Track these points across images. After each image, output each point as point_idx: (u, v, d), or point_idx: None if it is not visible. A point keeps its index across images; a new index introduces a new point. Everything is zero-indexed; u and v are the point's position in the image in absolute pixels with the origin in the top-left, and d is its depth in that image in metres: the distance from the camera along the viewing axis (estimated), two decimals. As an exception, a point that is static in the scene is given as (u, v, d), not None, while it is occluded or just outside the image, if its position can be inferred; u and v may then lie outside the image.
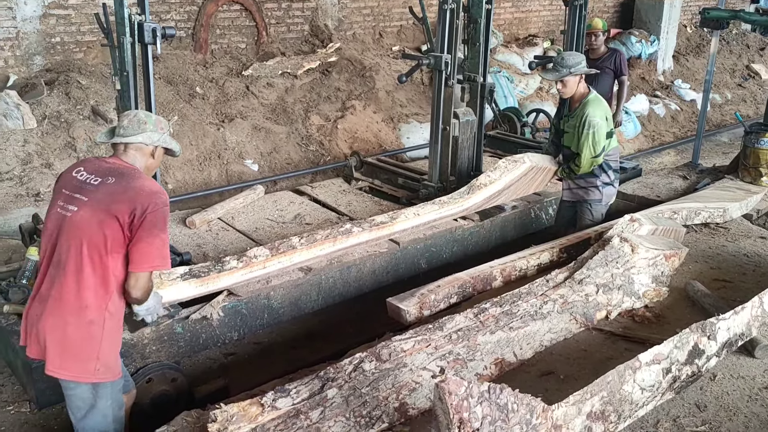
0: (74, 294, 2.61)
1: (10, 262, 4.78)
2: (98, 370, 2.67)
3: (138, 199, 2.64)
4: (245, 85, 7.79)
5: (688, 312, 3.86)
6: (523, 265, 4.24)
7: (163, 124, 2.92)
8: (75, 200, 2.67)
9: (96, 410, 2.75)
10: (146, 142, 2.82)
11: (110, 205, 2.62)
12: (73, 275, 2.60)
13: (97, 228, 2.60)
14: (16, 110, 6.00)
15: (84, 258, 2.59)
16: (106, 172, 2.73)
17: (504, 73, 9.56)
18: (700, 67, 12.07)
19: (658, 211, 4.89)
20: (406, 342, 3.13)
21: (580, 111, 4.62)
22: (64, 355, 2.63)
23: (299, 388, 2.80)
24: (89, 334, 2.63)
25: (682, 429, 2.87)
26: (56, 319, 2.61)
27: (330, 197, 5.42)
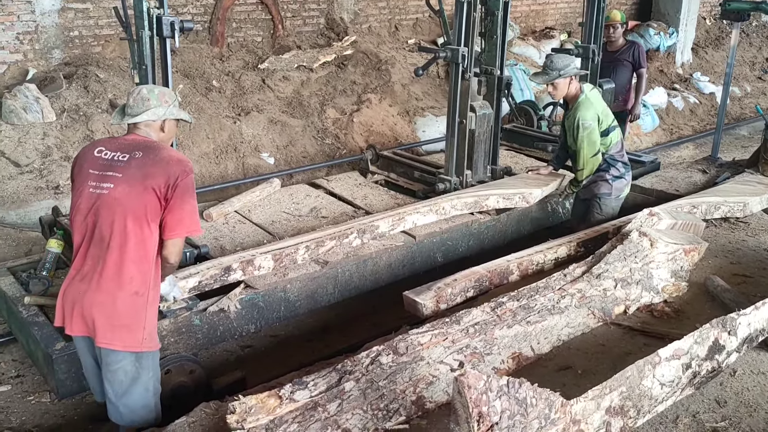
0: (120, 268, 2.71)
1: (30, 254, 4.84)
2: (145, 339, 2.79)
3: (169, 169, 2.76)
4: (261, 79, 7.80)
5: (707, 307, 3.82)
6: (540, 259, 4.22)
7: (167, 96, 2.96)
8: (108, 178, 2.76)
9: (139, 383, 2.84)
10: (152, 118, 2.90)
11: (145, 177, 2.73)
12: (118, 249, 2.70)
13: (137, 201, 2.71)
14: (35, 104, 6.05)
15: (128, 232, 2.70)
16: (131, 147, 2.83)
17: (520, 66, 9.49)
18: (719, 60, 11.93)
19: (678, 206, 4.84)
20: (423, 335, 3.12)
21: (572, 113, 4.68)
22: (114, 327, 2.72)
23: (317, 380, 2.80)
24: (136, 305, 2.75)
25: (702, 425, 2.85)
26: (104, 293, 2.71)
27: (346, 190, 5.42)
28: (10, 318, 3.87)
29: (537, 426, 2.31)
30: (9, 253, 4.99)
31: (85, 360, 2.96)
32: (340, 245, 4.23)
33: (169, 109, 2.94)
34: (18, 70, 6.71)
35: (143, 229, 2.73)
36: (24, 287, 3.84)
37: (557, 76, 4.58)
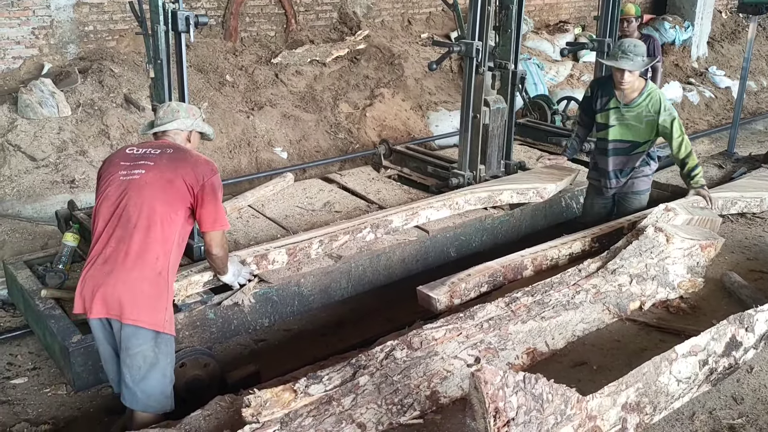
0: (146, 247, 2.83)
1: (46, 247, 4.89)
2: (166, 321, 2.89)
3: (198, 168, 2.98)
4: (274, 73, 7.82)
5: (724, 303, 3.79)
6: (555, 254, 4.20)
7: (194, 111, 3.25)
8: (140, 165, 2.95)
9: (157, 368, 2.90)
10: (181, 127, 3.16)
11: (176, 168, 2.94)
12: (144, 230, 2.83)
13: (167, 185, 2.90)
14: (51, 98, 6.10)
15: (156, 213, 2.86)
16: (163, 146, 3.07)
17: (534, 60, 9.44)
18: (735, 54, 11.81)
19: (693, 201, 4.80)
20: (438, 330, 3.12)
21: (646, 101, 4.40)
22: (140, 305, 2.81)
23: (331, 374, 2.81)
24: (159, 285, 2.87)
25: (719, 421, 2.83)
26: (131, 272, 2.80)
27: (359, 185, 5.41)
28: (27, 311, 3.90)
29: (553, 421, 2.30)
30: (25, 246, 5.03)
31: (104, 349, 2.97)
32: (354, 240, 4.23)
33: (196, 121, 3.21)
34: (33, 64, 6.76)
35: (170, 212, 2.89)
36: (40, 280, 3.87)
37: (643, 64, 4.31)
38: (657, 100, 4.41)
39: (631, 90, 4.43)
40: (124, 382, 2.91)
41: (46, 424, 3.70)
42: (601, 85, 4.67)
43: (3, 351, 4.31)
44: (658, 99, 4.42)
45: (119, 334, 2.86)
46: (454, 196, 4.76)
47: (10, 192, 5.45)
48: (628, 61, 4.29)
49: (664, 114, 4.38)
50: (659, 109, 4.39)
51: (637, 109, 4.46)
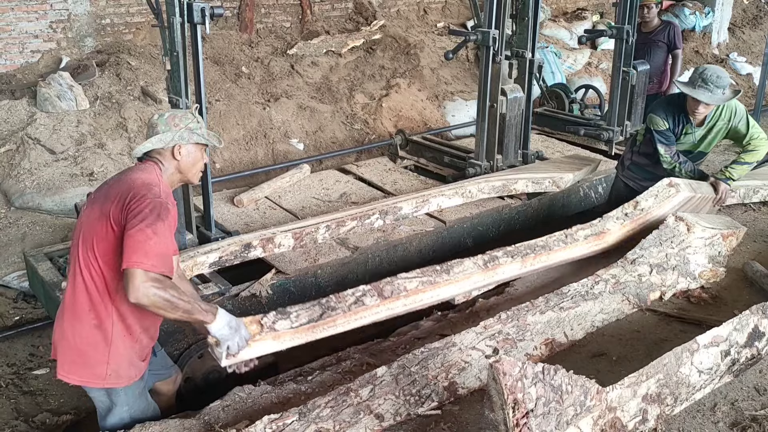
0: (75, 297, 2.51)
1: (66, 239, 4.93)
2: (109, 375, 2.54)
3: (124, 191, 2.47)
4: (290, 65, 7.81)
5: (746, 293, 3.74)
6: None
7: (178, 119, 2.65)
8: (90, 202, 2.60)
9: (114, 414, 2.67)
10: (158, 145, 2.62)
11: (103, 204, 2.49)
12: (73, 278, 2.53)
13: (91, 228, 2.49)
14: (69, 91, 6.14)
15: (80, 261, 2.49)
16: (118, 174, 2.66)
17: (551, 48, 9.34)
18: (756, 40, 11.60)
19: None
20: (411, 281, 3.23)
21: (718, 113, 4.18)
22: (71, 359, 2.54)
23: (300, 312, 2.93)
24: (96, 339, 2.50)
25: (741, 413, 2.80)
26: (64, 322, 2.54)
27: (375, 176, 5.40)
28: (48, 302, 3.94)
29: (572, 413, 2.29)
30: (46, 238, 5.09)
31: None
32: (362, 225, 4.21)
33: (179, 132, 2.62)
34: (52, 58, 6.81)
35: (90, 258, 2.47)
36: (61, 272, 3.90)
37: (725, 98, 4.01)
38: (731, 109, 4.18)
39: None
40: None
41: (68, 414, 3.75)
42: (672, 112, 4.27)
43: (25, 342, 4.37)
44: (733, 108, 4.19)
45: None
46: (467, 185, 4.73)
47: (30, 185, 5.50)
48: (706, 93, 3.97)
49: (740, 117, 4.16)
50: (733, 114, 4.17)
51: (710, 123, 4.23)
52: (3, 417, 3.68)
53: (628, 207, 4.17)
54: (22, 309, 4.72)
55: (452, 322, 3.56)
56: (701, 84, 3.98)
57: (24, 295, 4.81)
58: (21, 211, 5.42)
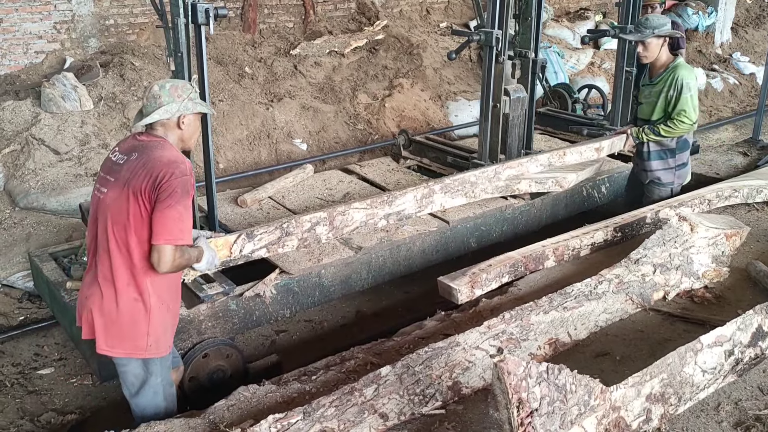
0: (115, 274, 2.64)
1: (71, 239, 4.95)
2: (150, 346, 2.71)
3: (153, 170, 2.60)
4: (293, 65, 7.82)
5: (749, 293, 3.74)
6: (576, 244, 4.16)
7: (180, 89, 2.76)
8: (106, 182, 2.70)
9: (148, 386, 2.80)
10: (164, 117, 2.72)
11: (130, 181, 2.61)
12: (111, 256, 2.63)
13: (120, 207, 2.61)
14: (73, 92, 6.16)
15: (115, 239, 2.61)
16: (132, 149, 2.72)
17: (554, 48, 9.35)
18: (759, 39, 11.60)
19: (718, 189, 4.74)
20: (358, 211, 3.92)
21: (668, 75, 4.42)
22: (113, 333, 2.67)
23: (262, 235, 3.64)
24: (135, 312, 2.66)
25: (745, 412, 2.80)
26: (103, 299, 2.66)
27: (378, 176, 5.41)
28: (53, 302, 3.95)
29: (576, 412, 2.29)
30: (50, 239, 5.11)
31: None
32: (366, 226, 4.24)
33: (184, 103, 2.74)
34: (56, 59, 6.83)
35: (127, 236, 2.61)
36: (65, 272, 3.92)
37: (650, 35, 4.35)
38: (677, 73, 4.38)
39: (657, 66, 4.49)
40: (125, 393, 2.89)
41: (73, 413, 3.77)
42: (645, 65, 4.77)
43: (30, 342, 4.39)
44: (678, 72, 4.39)
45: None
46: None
47: (34, 185, 5.52)
48: (634, 34, 4.48)
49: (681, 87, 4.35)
50: (677, 81, 4.37)
51: (660, 85, 4.48)
52: (8, 416, 3.70)
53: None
54: (26, 309, 4.74)
55: (456, 322, 3.56)
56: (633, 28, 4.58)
57: (29, 295, 4.83)
58: (26, 211, 5.43)
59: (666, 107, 4.44)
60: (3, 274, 4.83)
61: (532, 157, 4.82)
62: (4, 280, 4.84)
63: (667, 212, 4.31)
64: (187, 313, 3.50)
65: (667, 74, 4.43)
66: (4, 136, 5.88)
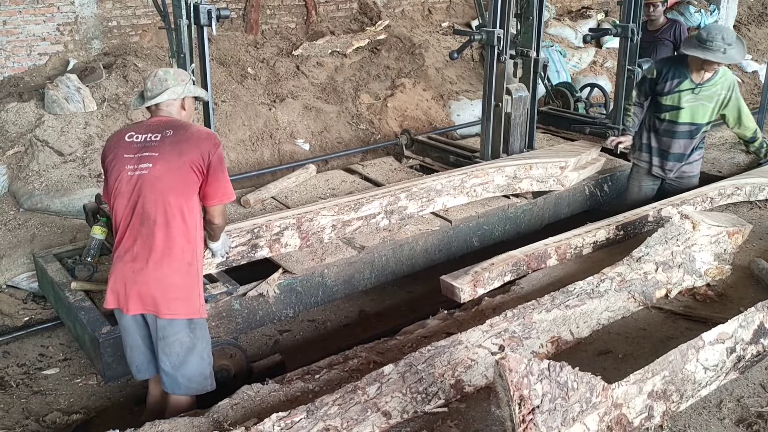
0: (171, 242, 2.85)
1: (75, 240, 4.97)
2: (201, 305, 3.00)
3: (201, 144, 2.88)
4: (295, 65, 7.83)
5: (752, 290, 3.73)
6: (579, 242, 4.17)
7: (182, 75, 3.09)
8: (146, 159, 2.86)
9: (194, 352, 2.99)
10: (173, 97, 3.01)
11: (181, 154, 2.85)
12: (166, 226, 2.84)
13: (177, 176, 2.84)
14: (77, 94, 6.18)
15: (173, 207, 2.84)
16: (160, 128, 2.94)
17: (556, 47, 9.34)
18: (762, 37, 11.57)
19: (721, 187, 4.74)
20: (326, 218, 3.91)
21: (720, 78, 4.47)
22: (174, 299, 2.88)
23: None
24: (190, 275, 2.93)
25: (747, 409, 2.80)
26: (161, 269, 2.85)
27: (381, 175, 5.42)
28: (57, 303, 3.98)
29: (578, 409, 2.30)
30: (55, 240, 5.13)
31: (132, 339, 3.04)
32: (366, 224, 4.26)
33: (187, 87, 3.06)
34: (59, 60, 6.85)
35: (186, 203, 2.87)
36: (70, 273, 3.94)
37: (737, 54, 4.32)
38: (729, 77, 4.47)
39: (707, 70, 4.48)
40: (163, 369, 3.00)
41: (78, 413, 3.79)
42: (671, 67, 4.64)
43: (35, 342, 4.41)
44: (729, 77, 4.48)
45: (155, 326, 2.94)
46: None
47: (38, 187, 5.54)
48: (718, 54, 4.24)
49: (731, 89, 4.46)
50: (728, 85, 4.46)
51: (712, 88, 4.49)
52: (14, 416, 3.72)
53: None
54: (31, 310, 4.76)
55: (458, 320, 3.57)
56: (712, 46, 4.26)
57: (33, 295, 4.85)
58: (30, 212, 5.46)
59: (718, 109, 4.55)
60: (8, 275, 4.86)
61: (500, 168, 4.82)
62: (9, 281, 4.86)
63: (669, 210, 4.34)
64: (191, 313, 3.52)
65: (719, 78, 4.48)
66: (8, 138, 5.91)
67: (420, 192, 4.50)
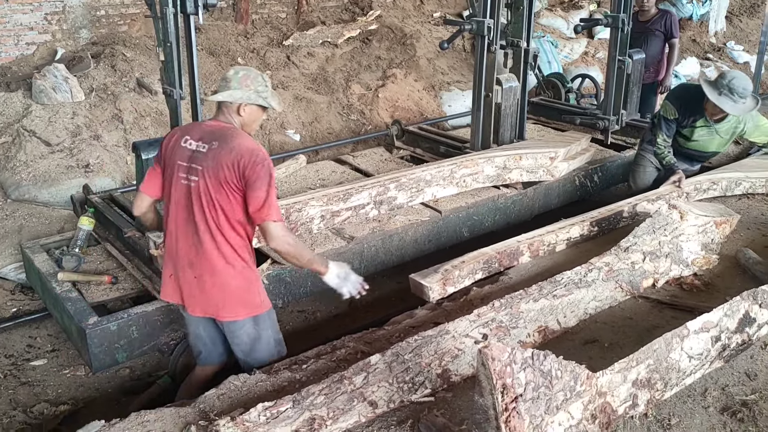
0: (223, 252, 2.88)
1: (62, 231, 4.94)
2: (263, 302, 3.05)
3: (238, 160, 2.80)
4: (286, 55, 7.80)
5: (738, 280, 3.75)
6: (552, 239, 4.07)
7: (250, 80, 2.93)
8: (194, 171, 2.86)
9: (261, 341, 3.09)
10: (227, 99, 2.91)
11: (218, 171, 2.81)
12: (217, 236, 2.86)
13: (216, 193, 2.83)
14: (64, 83, 6.13)
15: (221, 219, 2.85)
16: (210, 137, 2.89)
17: (548, 38, 9.33)
18: (754, 28, 11.58)
19: (697, 182, 4.71)
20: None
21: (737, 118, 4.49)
22: (233, 302, 2.95)
23: None
24: (248, 277, 2.97)
25: (731, 397, 2.82)
26: (217, 277, 2.90)
27: (372, 166, 5.41)
28: (45, 294, 3.96)
29: (562, 398, 2.31)
30: (42, 230, 5.10)
31: (194, 328, 3.17)
32: (355, 215, 4.25)
33: (248, 93, 2.91)
34: (47, 50, 6.80)
35: (222, 219, 2.86)
36: (57, 264, 3.93)
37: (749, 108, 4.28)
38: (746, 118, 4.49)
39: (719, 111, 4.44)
40: (237, 355, 3.14)
41: (66, 404, 3.77)
42: (687, 106, 4.59)
43: (23, 333, 4.40)
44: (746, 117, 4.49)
45: (221, 324, 3.06)
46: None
47: (26, 177, 5.51)
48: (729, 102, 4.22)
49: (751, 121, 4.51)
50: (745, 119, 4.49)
51: (727, 124, 4.53)
52: (1, 407, 3.71)
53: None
54: (19, 300, 4.74)
55: (447, 310, 3.57)
56: (728, 94, 4.21)
57: (21, 286, 4.83)
58: (17, 203, 5.42)
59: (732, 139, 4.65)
60: (-5, 266, 4.84)
61: (489, 159, 4.81)
62: (-3, 272, 4.84)
63: (645, 205, 4.34)
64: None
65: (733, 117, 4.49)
66: (-5, 128, 5.87)
67: (409, 182, 4.50)
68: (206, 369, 3.28)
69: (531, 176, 4.96)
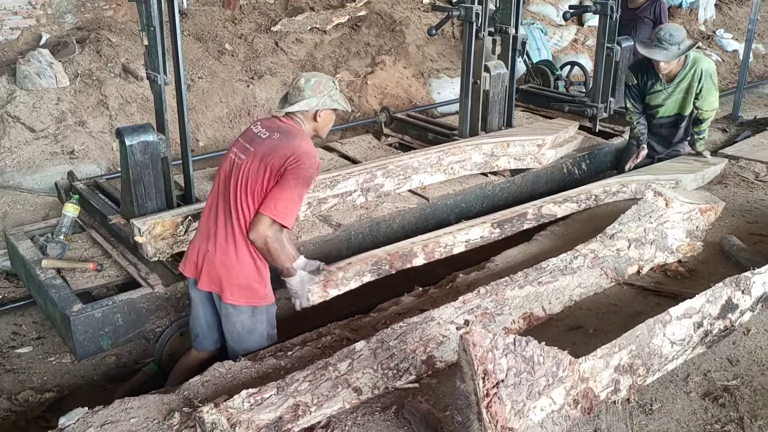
0: (236, 233, 2.93)
1: (47, 218, 4.92)
2: (266, 294, 3.08)
3: (288, 153, 2.89)
4: (274, 41, 7.74)
5: (722, 266, 3.78)
6: (449, 241, 3.84)
7: (322, 86, 3.05)
8: (246, 150, 2.98)
9: (254, 333, 3.12)
10: (304, 109, 3.03)
11: (267, 156, 2.90)
12: (237, 219, 2.92)
13: (254, 177, 2.89)
14: (49, 69, 6.07)
15: (246, 204, 2.90)
16: (275, 129, 3.01)
17: (537, 25, 9.31)
18: (743, 16, 11.58)
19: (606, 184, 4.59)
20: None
21: (689, 72, 4.64)
22: (238, 286, 2.99)
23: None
24: (255, 265, 2.99)
25: (713, 383, 2.84)
26: (229, 256, 2.95)
27: (360, 153, 5.39)
28: (29, 281, 3.93)
29: (544, 383, 2.32)
30: (26, 217, 5.06)
31: (197, 311, 3.20)
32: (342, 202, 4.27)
33: (323, 99, 3.03)
34: (31, 35, 6.72)
35: (248, 201, 2.91)
36: (41, 251, 3.89)
37: (678, 53, 4.46)
38: (698, 66, 4.63)
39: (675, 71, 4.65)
40: (227, 340, 3.17)
41: (51, 392, 3.77)
42: (642, 70, 4.84)
43: (7, 321, 4.37)
44: (699, 65, 4.63)
45: (219, 304, 3.08)
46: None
47: (10, 163, 5.46)
48: (661, 51, 4.46)
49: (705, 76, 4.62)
50: (701, 72, 4.61)
51: (683, 83, 4.68)
52: (-14, 395, 3.70)
53: None
54: (4, 288, 4.72)
55: (433, 297, 3.58)
56: (657, 44, 4.47)
57: (5, 273, 4.80)
58: (1, 189, 5.38)
59: (693, 98, 4.71)
60: (-20, 253, 4.80)
61: (477, 146, 4.80)
62: (-19, 260, 4.80)
63: (550, 207, 4.28)
64: (165, 291, 3.51)
65: (688, 71, 4.64)
66: (-21, 114, 5.80)
67: (396, 169, 4.48)
68: (200, 354, 3.30)
69: (519, 163, 4.96)
